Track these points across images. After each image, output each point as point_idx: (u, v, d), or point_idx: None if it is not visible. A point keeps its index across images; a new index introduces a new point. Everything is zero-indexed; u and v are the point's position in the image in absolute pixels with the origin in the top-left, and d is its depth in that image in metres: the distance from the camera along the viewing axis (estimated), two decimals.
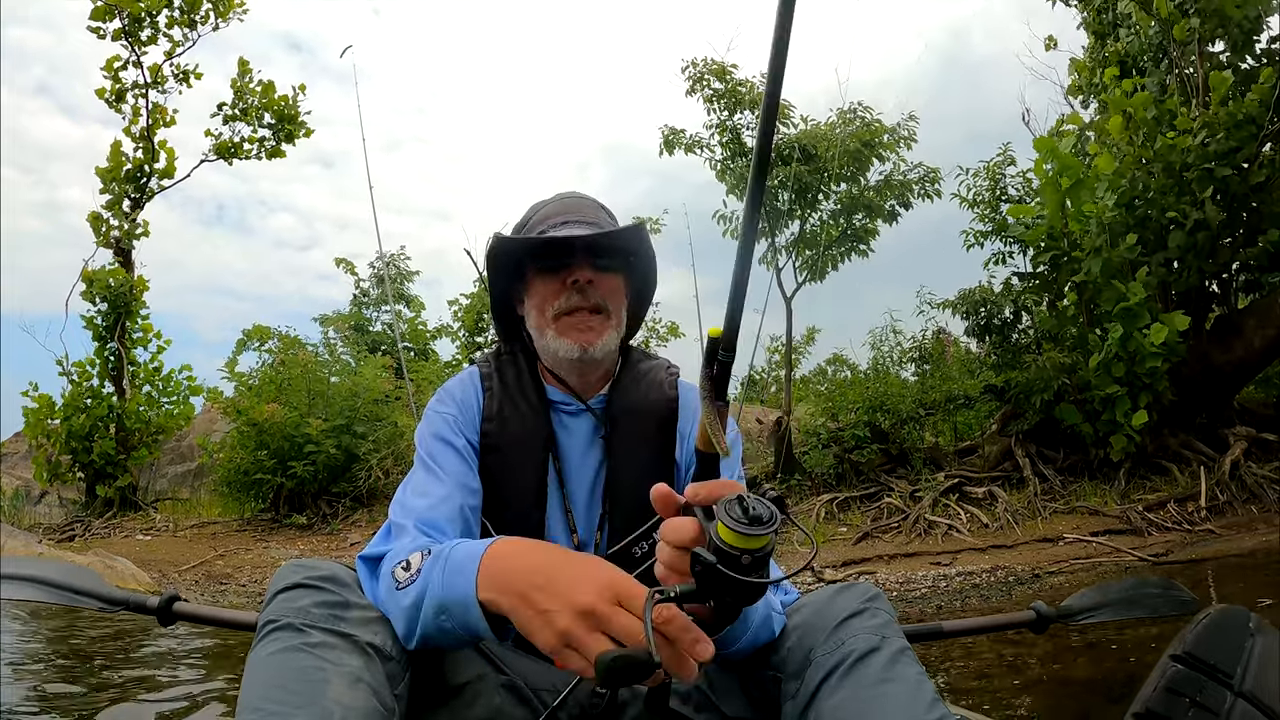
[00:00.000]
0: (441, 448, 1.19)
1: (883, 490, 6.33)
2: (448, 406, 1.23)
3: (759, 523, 0.77)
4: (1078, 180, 5.75)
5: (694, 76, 7.40)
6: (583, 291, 1.20)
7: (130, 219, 8.80)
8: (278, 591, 0.92)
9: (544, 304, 1.21)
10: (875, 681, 0.86)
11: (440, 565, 0.87)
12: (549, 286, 1.21)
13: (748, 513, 0.77)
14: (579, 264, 1.20)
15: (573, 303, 1.20)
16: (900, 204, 7.45)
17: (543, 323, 1.21)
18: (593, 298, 1.21)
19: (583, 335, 1.19)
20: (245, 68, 9.18)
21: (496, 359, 1.31)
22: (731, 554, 0.77)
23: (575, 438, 1.24)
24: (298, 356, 8.02)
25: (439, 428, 1.20)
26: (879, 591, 0.99)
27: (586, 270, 1.20)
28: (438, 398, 1.26)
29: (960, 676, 2.55)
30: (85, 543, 7.15)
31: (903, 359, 7.83)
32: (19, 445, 10.78)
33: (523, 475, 1.19)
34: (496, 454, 1.20)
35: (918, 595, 4.55)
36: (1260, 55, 6.21)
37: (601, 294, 1.22)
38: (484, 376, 1.27)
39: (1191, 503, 5.38)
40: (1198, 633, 1.03)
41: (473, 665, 1.03)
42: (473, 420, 1.23)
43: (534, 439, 1.21)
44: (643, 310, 1.38)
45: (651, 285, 1.35)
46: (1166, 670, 1.00)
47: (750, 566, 0.78)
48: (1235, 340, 6.00)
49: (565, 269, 1.20)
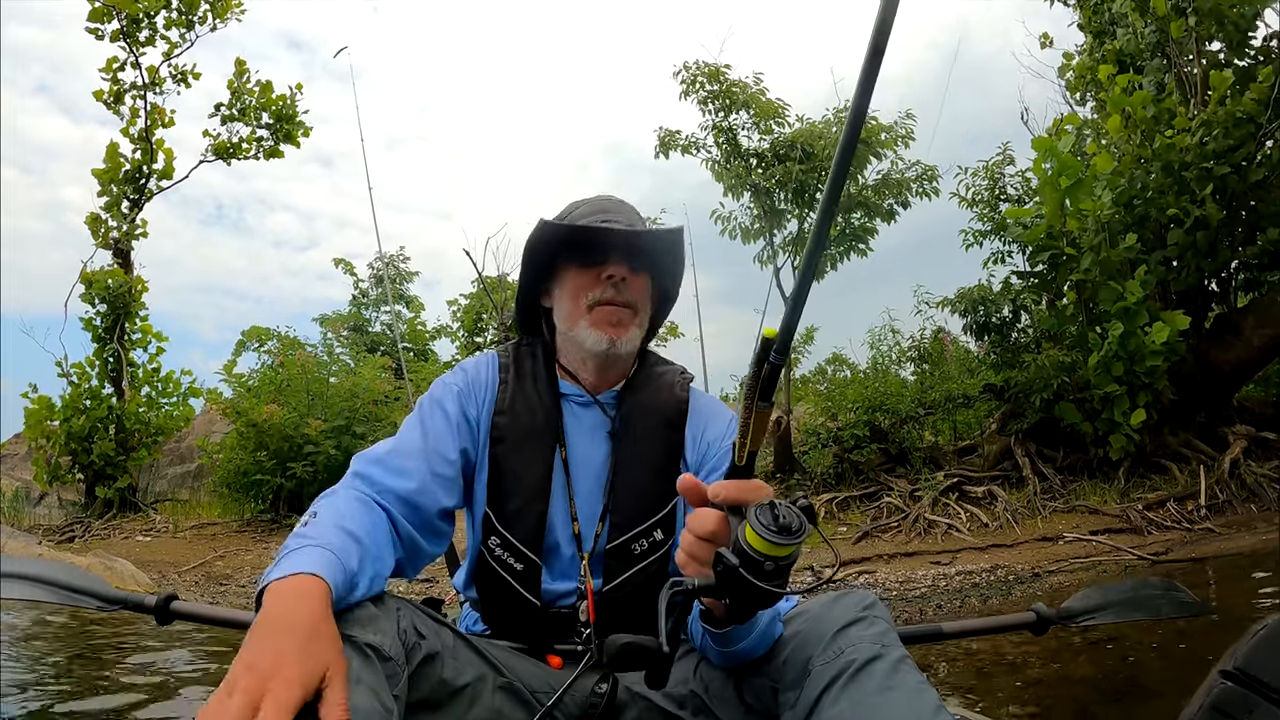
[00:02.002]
0: (434, 411, 1.21)
1: (882, 490, 6.33)
2: (457, 379, 1.25)
3: (787, 532, 0.78)
4: (1077, 180, 5.75)
5: (687, 80, 7.39)
6: (617, 287, 1.21)
7: (129, 220, 8.79)
8: None
9: (579, 294, 1.22)
10: (877, 690, 0.85)
11: (290, 545, 0.89)
12: (584, 278, 1.23)
13: (778, 521, 0.78)
14: (615, 259, 1.22)
15: (608, 295, 1.21)
16: (899, 203, 7.45)
17: (576, 312, 1.23)
18: (626, 294, 1.22)
19: (614, 329, 1.21)
20: (242, 68, 9.18)
21: (516, 350, 1.32)
22: (756, 559, 0.78)
23: (584, 429, 1.25)
24: (296, 357, 8.02)
25: (440, 394, 1.23)
26: (875, 599, 0.98)
27: (623, 267, 1.22)
28: (452, 371, 1.28)
29: (959, 676, 2.55)
30: (85, 544, 7.14)
31: (902, 358, 7.83)
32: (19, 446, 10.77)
33: (530, 468, 1.20)
34: (504, 445, 1.21)
35: (917, 594, 4.56)
36: (1257, 53, 6.21)
37: (632, 292, 1.23)
38: (502, 366, 1.28)
39: (1191, 501, 5.38)
40: (1251, 647, 0.93)
41: (472, 667, 1.03)
42: (482, 400, 1.24)
43: (543, 433, 1.22)
44: (664, 315, 1.39)
45: (676, 290, 1.37)
46: (1214, 688, 0.92)
47: (772, 574, 0.78)
48: (1234, 339, 6.00)
49: (601, 263, 1.22)
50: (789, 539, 0.77)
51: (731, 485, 0.83)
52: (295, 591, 0.80)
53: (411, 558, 1.10)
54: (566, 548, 1.20)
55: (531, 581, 1.18)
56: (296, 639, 0.74)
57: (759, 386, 0.79)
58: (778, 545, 0.77)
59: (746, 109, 7.33)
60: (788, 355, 0.78)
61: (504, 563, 1.19)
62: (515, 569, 1.18)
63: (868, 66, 0.65)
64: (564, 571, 1.20)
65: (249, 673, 0.70)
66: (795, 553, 0.79)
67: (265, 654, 0.72)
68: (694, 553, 0.85)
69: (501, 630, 1.21)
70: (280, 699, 0.68)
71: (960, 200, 7.44)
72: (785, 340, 0.77)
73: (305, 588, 0.81)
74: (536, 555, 1.18)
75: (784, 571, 0.79)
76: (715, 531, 0.83)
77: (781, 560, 0.78)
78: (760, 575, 0.78)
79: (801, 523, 0.79)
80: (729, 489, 0.82)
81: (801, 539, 0.78)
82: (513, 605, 1.19)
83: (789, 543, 0.77)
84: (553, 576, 1.20)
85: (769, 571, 0.78)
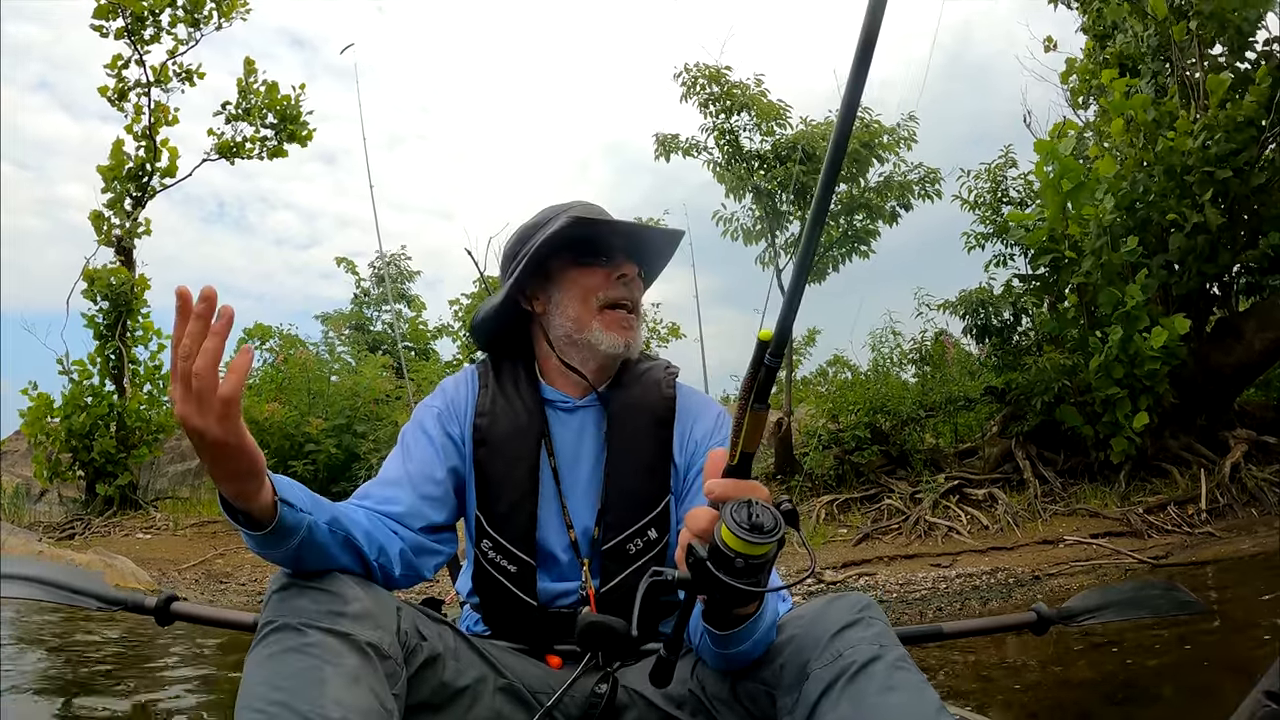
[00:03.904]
0: (416, 436, 1.22)
1: (883, 492, 6.32)
2: (437, 400, 1.27)
3: (759, 530, 0.78)
4: (1079, 183, 5.75)
5: (687, 83, 7.39)
6: (629, 286, 1.21)
7: (132, 218, 8.80)
8: (275, 592, 0.92)
9: (588, 294, 1.21)
10: (879, 691, 0.84)
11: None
12: (594, 278, 1.21)
13: (751, 519, 0.78)
14: (623, 258, 1.21)
15: (622, 294, 1.21)
16: (901, 205, 7.44)
17: (586, 314, 1.21)
18: (634, 294, 1.22)
19: (627, 332, 1.21)
20: (251, 67, 9.16)
21: (494, 358, 1.32)
22: (726, 555, 0.78)
23: (571, 434, 1.25)
24: (298, 356, 8.03)
25: (421, 418, 1.24)
26: (871, 600, 0.98)
27: (633, 265, 1.22)
28: (432, 394, 1.29)
29: (960, 678, 2.54)
30: (85, 541, 7.14)
31: (903, 360, 7.83)
32: (19, 443, 10.77)
33: (515, 470, 1.20)
34: (487, 447, 1.22)
35: (918, 597, 4.56)
36: (1259, 57, 6.20)
37: (638, 291, 1.24)
38: (480, 375, 1.29)
39: (1191, 505, 5.37)
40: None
41: (473, 668, 1.03)
42: (462, 415, 1.24)
43: (526, 434, 1.22)
44: None
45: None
46: (1258, 710, 0.87)
47: (743, 571, 0.79)
48: (1236, 343, 6.00)
49: (609, 262, 1.21)
50: (761, 537, 0.77)
51: (727, 483, 0.83)
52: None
53: (406, 573, 1.12)
54: (562, 551, 1.21)
55: (526, 582, 1.19)
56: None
57: (755, 388, 0.79)
58: (749, 543, 0.77)
59: (748, 111, 7.33)
60: (783, 358, 0.78)
61: (498, 565, 1.19)
62: (509, 570, 1.19)
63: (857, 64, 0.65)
64: (561, 573, 1.21)
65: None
66: (770, 552, 0.79)
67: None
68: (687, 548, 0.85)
69: (501, 631, 1.22)
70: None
71: (962, 203, 7.44)
72: (780, 343, 0.77)
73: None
74: (529, 556, 1.19)
75: (756, 570, 0.79)
76: (707, 529, 0.84)
77: (753, 559, 0.78)
78: (730, 571, 0.78)
79: (777, 523, 0.79)
80: (723, 486, 0.83)
81: (775, 539, 0.78)
82: (510, 606, 1.20)
83: (761, 541, 0.77)
84: (549, 577, 1.20)
85: (739, 569, 0.78)
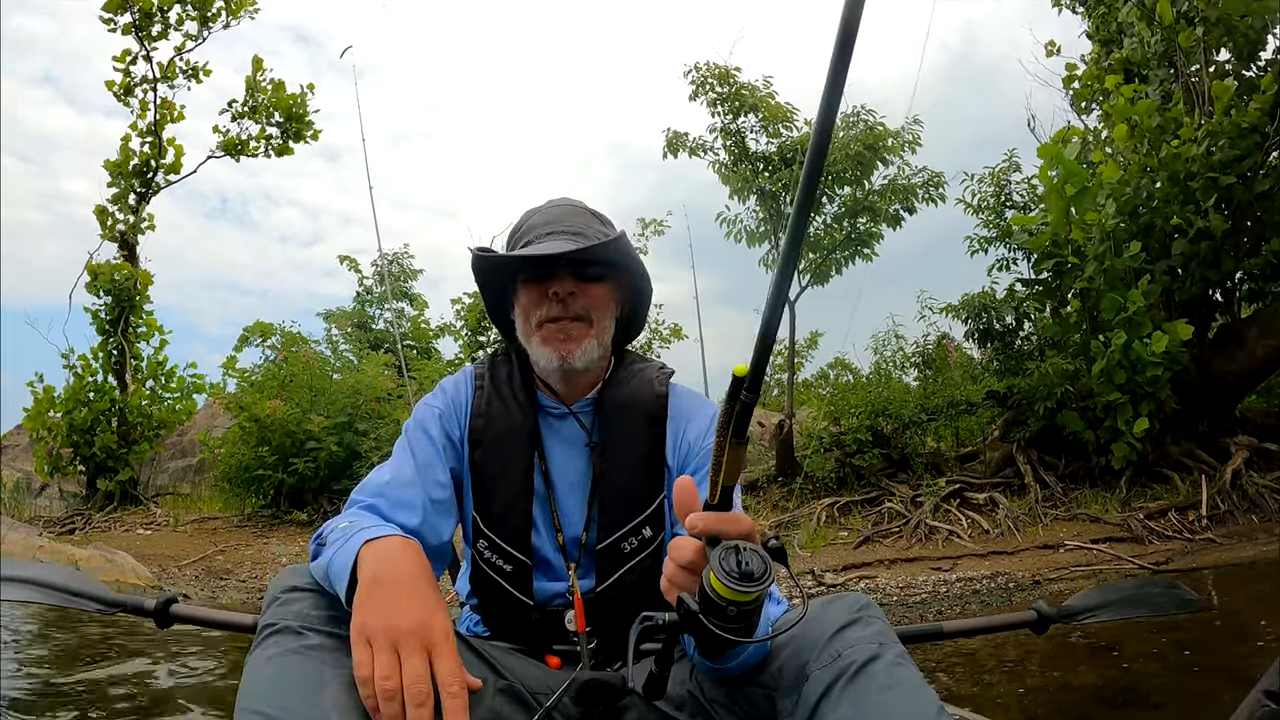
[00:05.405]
0: (419, 437, 1.23)
1: (884, 495, 6.32)
2: (437, 400, 1.28)
3: (749, 579, 0.78)
4: (1082, 188, 5.74)
5: (697, 81, 7.39)
6: (564, 302, 1.22)
7: (136, 213, 8.81)
8: (276, 595, 0.93)
9: (528, 313, 1.24)
10: (879, 690, 0.85)
11: (345, 538, 0.97)
12: (533, 295, 1.24)
13: (741, 567, 0.78)
14: (561, 276, 1.22)
15: (554, 312, 1.22)
16: (904, 208, 7.44)
17: (528, 330, 1.25)
18: (573, 308, 1.22)
19: (563, 345, 1.21)
20: (260, 65, 9.17)
21: (492, 360, 1.34)
22: (718, 604, 0.79)
23: (562, 440, 1.26)
24: (300, 353, 8.03)
25: (423, 418, 1.25)
26: (869, 600, 0.98)
27: (568, 283, 1.22)
28: (432, 393, 1.30)
29: (960, 681, 2.54)
30: (85, 536, 7.15)
31: (905, 364, 7.82)
32: (20, 438, 10.79)
33: (509, 469, 1.22)
34: (482, 448, 1.23)
35: (918, 600, 4.55)
36: (1266, 64, 6.19)
37: (584, 304, 1.23)
38: (477, 375, 1.31)
39: (1192, 511, 5.37)
40: None
41: (472, 669, 1.03)
42: (461, 415, 1.26)
43: (520, 436, 1.24)
44: (642, 312, 1.39)
45: (645, 290, 1.36)
46: (1257, 710, 0.87)
47: (735, 618, 0.79)
48: (1238, 349, 5.99)
49: (549, 280, 1.22)
50: (750, 585, 0.77)
51: (710, 517, 0.83)
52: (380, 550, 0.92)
53: None
54: (554, 554, 1.22)
55: (522, 582, 1.20)
56: (411, 585, 0.88)
57: (731, 425, 0.78)
58: (740, 591, 0.77)
59: (755, 112, 7.33)
60: (759, 394, 0.77)
61: (494, 565, 1.21)
62: (505, 570, 1.20)
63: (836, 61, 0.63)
64: (557, 574, 1.22)
65: (386, 633, 0.82)
66: (760, 598, 0.79)
67: (385, 611, 0.84)
68: (675, 580, 0.86)
69: (500, 631, 1.23)
70: (429, 637, 0.84)
71: (966, 206, 7.43)
72: (756, 379, 0.76)
73: (382, 546, 0.93)
74: (525, 556, 1.20)
75: (747, 615, 0.79)
76: (694, 561, 0.84)
77: (745, 605, 0.78)
78: (722, 618, 0.79)
79: (766, 567, 0.78)
80: (706, 520, 0.83)
81: (765, 584, 0.78)
82: (507, 606, 1.21)
83: (751, 589, 0.77)
84: (545, 578, 1.21)
85: (731, 616, 0.79)
